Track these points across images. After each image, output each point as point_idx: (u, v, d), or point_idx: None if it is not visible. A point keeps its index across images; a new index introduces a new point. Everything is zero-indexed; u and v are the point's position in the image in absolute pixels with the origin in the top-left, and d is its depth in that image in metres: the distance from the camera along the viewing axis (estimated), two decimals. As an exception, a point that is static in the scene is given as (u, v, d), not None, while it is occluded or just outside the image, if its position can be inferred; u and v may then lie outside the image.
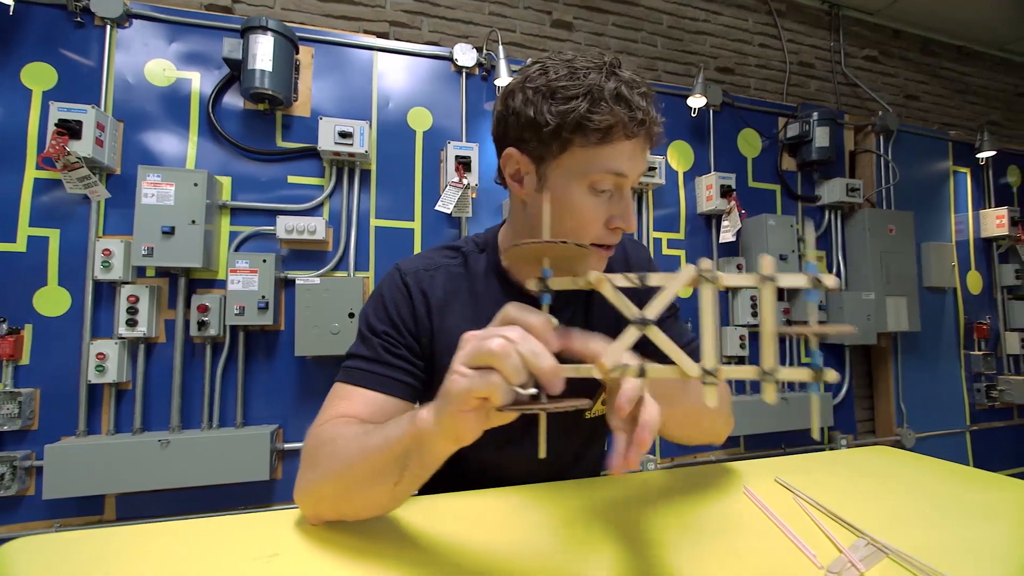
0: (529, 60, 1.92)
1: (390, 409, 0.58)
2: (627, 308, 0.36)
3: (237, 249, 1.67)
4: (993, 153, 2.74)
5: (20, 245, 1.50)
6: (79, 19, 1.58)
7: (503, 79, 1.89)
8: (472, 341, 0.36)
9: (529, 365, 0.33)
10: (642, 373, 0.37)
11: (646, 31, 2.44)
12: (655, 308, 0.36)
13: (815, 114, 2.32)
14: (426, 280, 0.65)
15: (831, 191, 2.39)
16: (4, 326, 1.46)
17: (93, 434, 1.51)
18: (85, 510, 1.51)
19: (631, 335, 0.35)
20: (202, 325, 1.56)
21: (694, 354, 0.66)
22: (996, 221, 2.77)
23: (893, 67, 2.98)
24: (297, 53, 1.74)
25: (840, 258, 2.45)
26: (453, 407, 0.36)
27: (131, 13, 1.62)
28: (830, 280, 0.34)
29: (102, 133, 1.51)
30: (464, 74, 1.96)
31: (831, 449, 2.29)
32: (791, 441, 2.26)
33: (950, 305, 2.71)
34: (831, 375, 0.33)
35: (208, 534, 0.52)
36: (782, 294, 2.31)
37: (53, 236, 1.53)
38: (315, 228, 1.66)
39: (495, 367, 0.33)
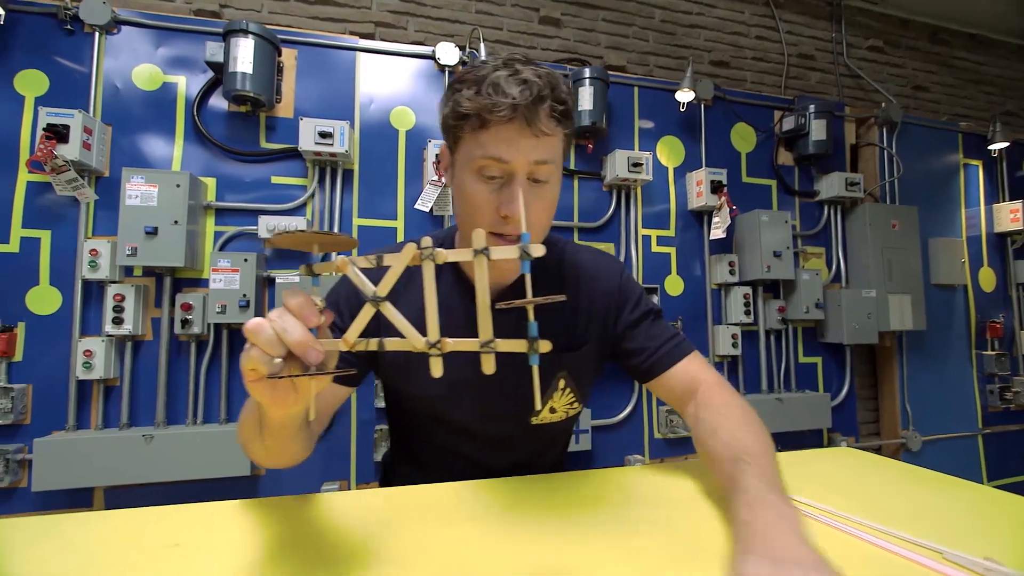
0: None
1: (326, 388, 0.62)
2: (365, 287, 0.40)
3: (222, 249, 1.71)
4: (1006, 144, 2.62)
5: (13, 246, 1.55)
6: (69, 27, 1.63)
7: (485, 77, 1.89)
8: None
9: (282, 339, 0.37)
10: (381, 346, 0.40)
11: (637, 26, 2.41)
12: (385, 285, 0.39)
13: (812, 107, 2.26)
14: (371, 274, 0.66)
15: (829, 186, 2.32)
16: (-2, 324, 1.52)
17: (82, 428, 1.56)
18: (75, 502, 1.55)
19: (367, 312, 0.39)
20: (186, 323, 1.60)
21: (675, 350, 0.68)
22: (1010, 215, 2.65)
23: (900, 57, 2.88)
24: (280, 55, 1.77)
25: (840, 254, 2.38)
26: (245, 379, 0.39)
27: (119, 20, 1.67)
28: (537, 250, 0.35)
29: (89, 137, 1.55)
30: (447, 72, 1.97)
31: (830, 451, 2.22)
32: (787, 443, 2.20)
33: (960, 303, 2.61)
34: (544, 345, 0.35)
35: (115, 525, 0.53)
36: (778, 291, 2.26)
37: (45, 237, 1.58)
38: (296, 225, 1.68)
39: (253, 343, 0.37)
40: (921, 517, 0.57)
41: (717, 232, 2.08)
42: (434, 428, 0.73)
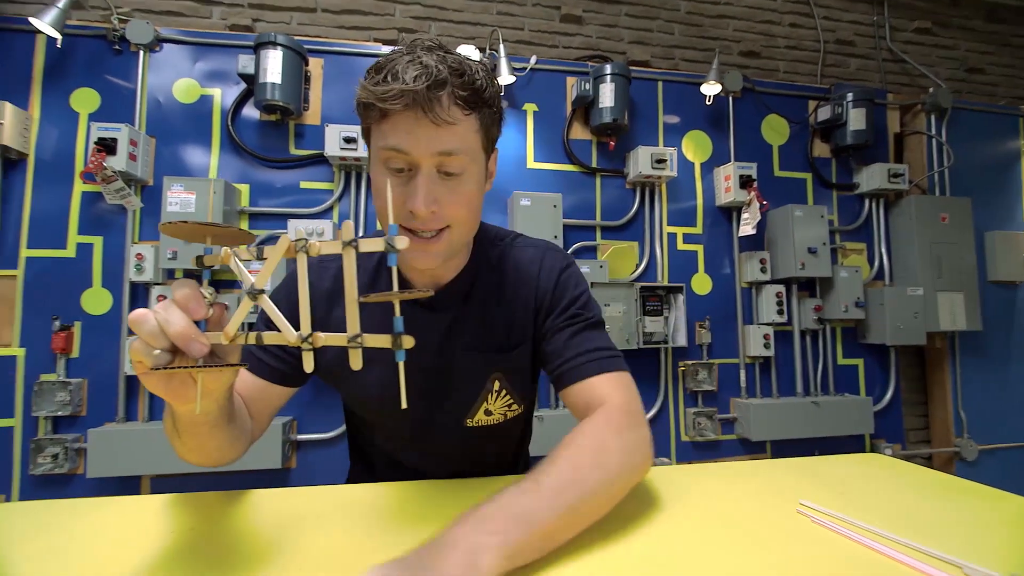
0: (533, 57, 1.89)
1: (261, 388, 0.63)
2: (245, 279, 0.40)
3: (255, 251, 1.79)
4: (1076, 128, 2.41)
5: (70, 251, 1.69)
6: (117, 47, 1.75)
7: (504, 77, 1.90)
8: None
9: (165, 331, 0.36)
10: (259, 340, 0.39)
11: (662, 19, 2.36)
12: (262, 278, 0.39)
13: (850, 95, 2.14)
14: (315, 273, 0.66)
15: (870, 177, 2.20)
16: (58, 323, 1.65)
17: (131, 420, 1.67)
18: (125, 489, 1.67)
19: (245, 304, 0.39)
20: (222, 322, 1.68)
21: (593, 364, 0.61)
22: (1081, 205, 2.43)
23: (951, 38, 2.69)
24: (307, 65, 1.84)
25: (883, 250, 2.25)
26: (134, 369, 0.39)
27: (161, 38, 1.78)
28: (401, 242, 0.34)
29: (135, 148, 1.67)
30: (468, 75, 1.98)
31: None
32: (825, 449, 2.09)
33: (1022, 301, 2.41)
34: (408, 341, 0.34)
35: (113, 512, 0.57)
36: (814, 290, 2.15)
37: (97, 243, 1.71)
38: (323, 230, 1.75)
39: (137, 333, 0.36)
40: (945, 528, 0.53)
41: (747, 229, 2.01)
42: (375, 432, 0.73)
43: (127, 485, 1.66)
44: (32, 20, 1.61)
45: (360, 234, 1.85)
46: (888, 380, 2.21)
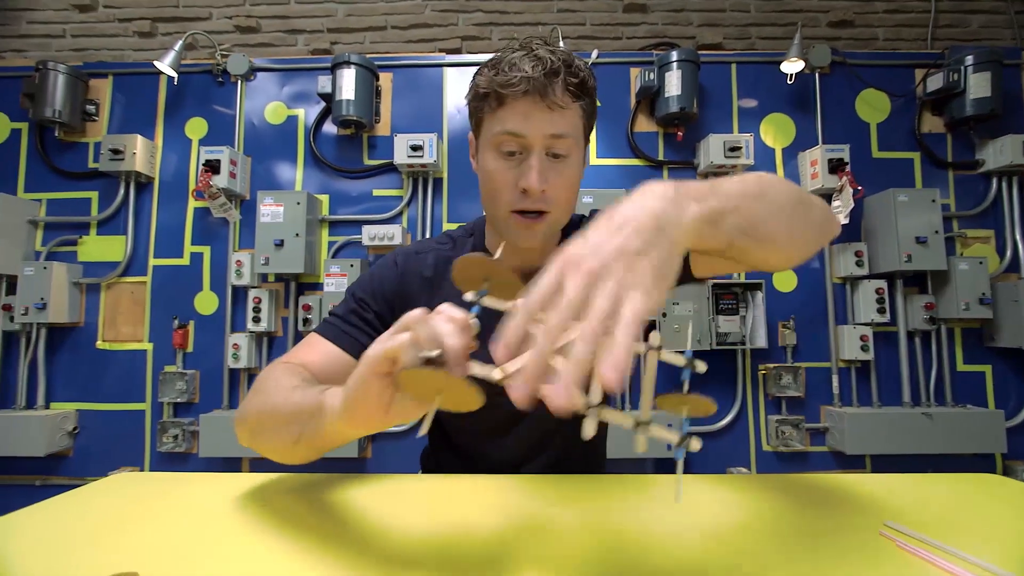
0: (594, 52, 1.87)
1: (344, 363, 0.62)
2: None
3: (334, 256, 1.94)
4: None
5: (185, 260, 1.95)
6: (220, 79, 1.99)
7: (564, 75, 1.88)
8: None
9: (440, 340, 0.34)
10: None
11: (736, -3, 2.20)
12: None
13: (969, 57, 1.84)
14: (414, 261, 0.70)
15: (999, 152, 1.87)
16: (176, 322, 1.91)
17: (233, 408, 1.89)
18: (229, 468, 1.89)
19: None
20: (306, 322, 1.85)
21: None
22: None
23: (1114, -23, 2.21)
24: (377, 80, 1.96)
25: (1018, 237, 1.90)
26: (364, 368, 0.36)
27: (255, 68, 2.00)
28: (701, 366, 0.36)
29: (235, 167, 1.88)
30: (528, 76, 2.00)
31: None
32: (941, 469, 1.82)
33: None
34: (695, 445, 0.32)
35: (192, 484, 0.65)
36: (925, 286, 1.88)
37: (206, 252, 1.95)
38: (393, 234, 1.85)
39: (411, 329, 0.35)
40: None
41: (839, 218, 1.80)
42: (461, 431, 0.74)
43: (231, 464, 1.88)
44: (156, 63, 1.88)
45: (426, 235, 1.93)
46: (1026, 391, 1.87)
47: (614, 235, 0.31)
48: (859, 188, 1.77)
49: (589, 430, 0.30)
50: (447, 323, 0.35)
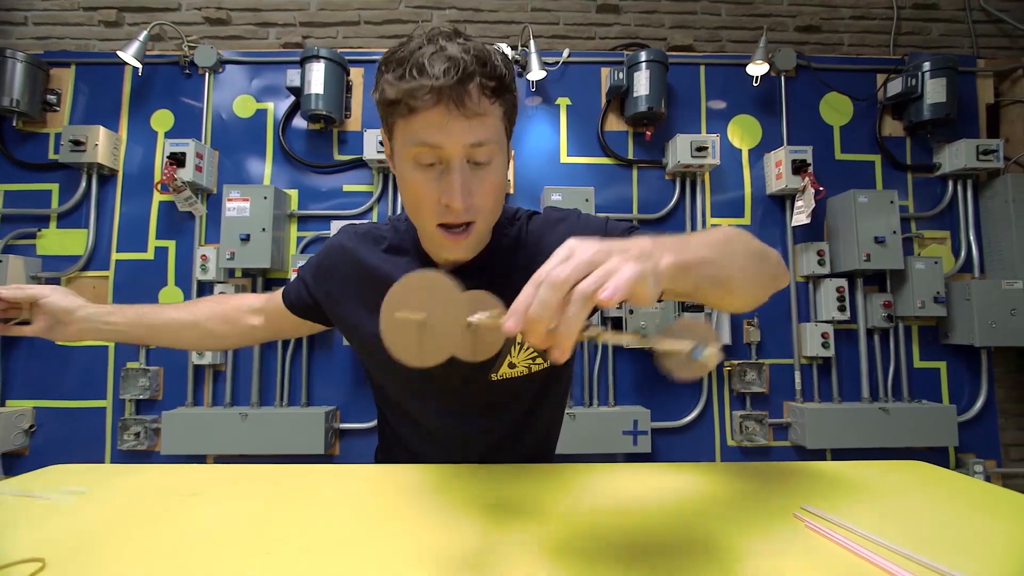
0: (565, 51, 1.87)
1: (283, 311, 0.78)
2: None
3: (303, 251, 1.92)
4: None
5: (149, 254, 1.91)
6: (187, 71, 1.96)
7: (535, 73, 1.90)
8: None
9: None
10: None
11: (706, 0, 2.23)
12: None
13: (926, 64, 1.90)
14: (358, 241, 0.74)
15: (954, 156, 1.94)
16: (140, 317, 1.87)
17: (197, 405, 1.86)
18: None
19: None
20: (273, 317, 1.83)
21: None
22: None
23: (1066, -11, 2.30)
24: (348, 75, 1.95)
25: (972, 239, 1.97)
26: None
27: (223, 60, 1.97)
28: (713, 359, 0.40)
29: (201, 161, 1.85)
30: (500, 73, 2.00)
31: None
32: (894, 459, 1.87)
33: None
34: (711, 351, 0.38)
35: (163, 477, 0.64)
36: (884, 284, 1.94)
37: (171, 246, 1.92)
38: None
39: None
40: (972, 545, 0.46)
41: (801, 218, 1.85)
42: (404, 398, 0.74)
43: (194, 461, 1.85)
44: (119, 53, 1.84)
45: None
46: (979, 387, 1.93)
47: (614, 247, 0.36)
48: (821, 189, 1.82)
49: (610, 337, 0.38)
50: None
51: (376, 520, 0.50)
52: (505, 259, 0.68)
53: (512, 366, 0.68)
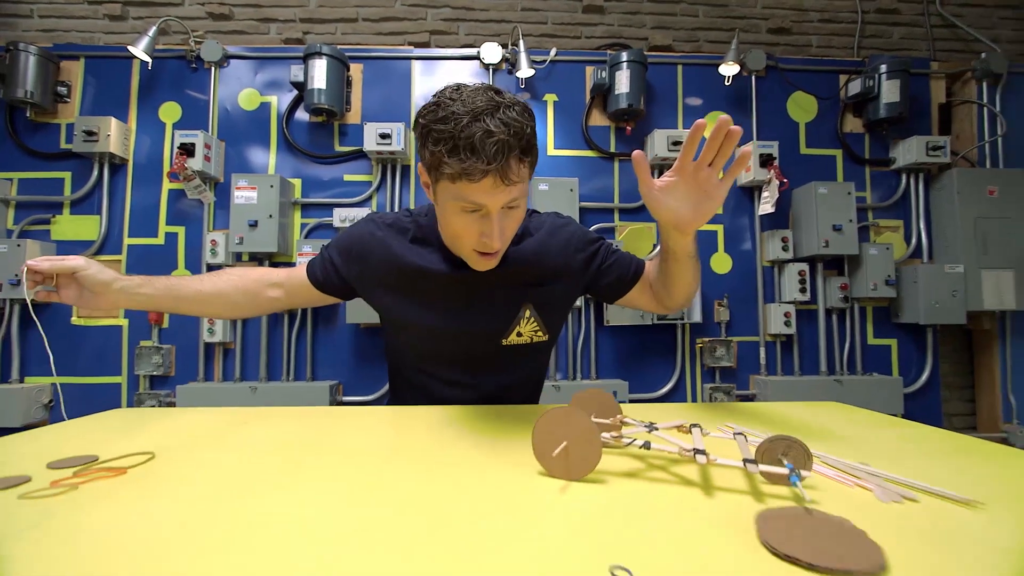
0: (552, 50, 2.01)
1: (308, 285, 0.87)
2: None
3: (306, 237, 2.05)
4: None
5: (160, 239, 2.02)
6: (193, 65, 2.06)
7: (524, 71, 2.03)
8: None
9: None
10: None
11: (686, 2, 2.38)
12: None
13: (883, 66, 2.07)
14: (386, 231, 0.86)
15: (907, 152, 2.12)
16: (152, 299, 1.99)
17: (208, 380, 1.99)
18: (205, 438, 1.99)
19: None
20: (280, 298, 1.96)
21: (640, 268, 0.88)
22: None
23: (1016, -4, 2.49)
24: (348, 71, 2.06)
25: (922, 227, 2.16)
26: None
27: (228, 55, 2.07)
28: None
29: (209, 151, 1.96)
30: (491, 70, 2.14)
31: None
32: (852, 428, 2.07)
33: (1092, 280, 2.22)
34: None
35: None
36: (842, 268, 2.12)
37: (181, 232, 2.03)
38: (361, 217, 1.97)
39: None
40: (855, 446, 0.61)
41: (766, 207, 2.02)
42: (423, 360, 0.89)
43: (208, 435, 1.98)
44: (129, 48, 1.94)
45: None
46: (925, 362, 2.14)
47: None
48: (784, 181, 1.99)
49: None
50: None
51: (393, 444, 0.65)
52: (513, 245, 0.83)
53: (520, 335, 0.85)
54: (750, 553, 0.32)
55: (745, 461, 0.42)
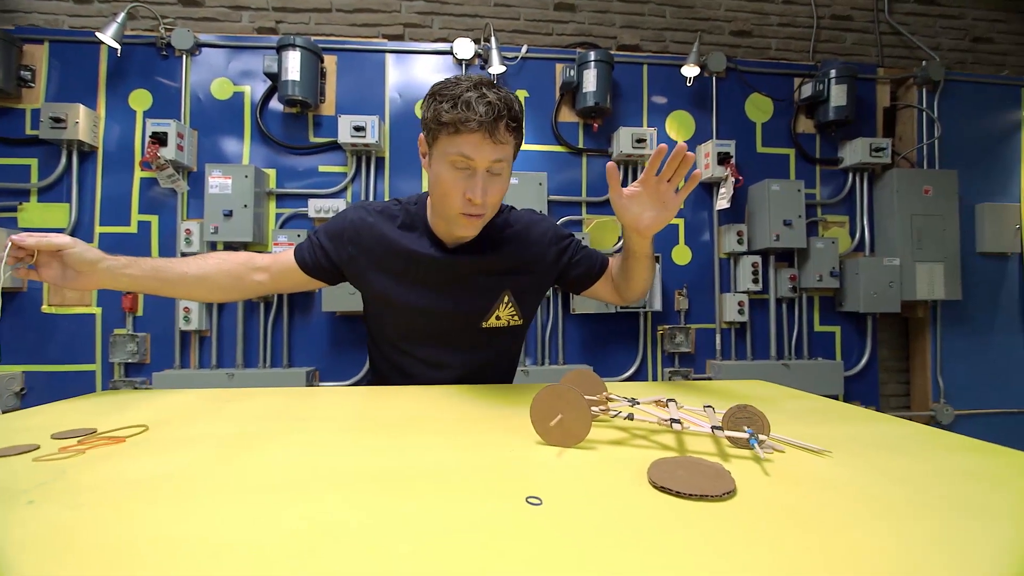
0: (524, 47, 2.08)
1: (294, 268, 0.91)
2: None
3: (281, 227, 2.09)
4: (1080, 97, 2.38)
5: (133, 228, 2.03)
6: (164, 53, 2.05)
7: (495, 66, 2.09)
8: None
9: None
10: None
11: (654, 2, 2.47)
12: None
13: (832, 71, 2.21)
14: (375, 216, 0.92)
15: (853, 152, 2.28)
16: (125, 287, 2.00)
17: (185, 367, 2.03)
18: (182, 424, 2.03)
19: None
20: (255, 287, 2.00)
21: (605, 264, 0.99)
22: (1082, 176, 2.41)
23: (957, 7, 2.66)
24: (322, 62, 2.09)
25: (865, 223, 2.34)
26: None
27: (200, 43, 2.07)
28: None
29: (182, 140, 1.97)
30: (464, 65, 2.19)
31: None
32: (798, 408, 2.24)
33: (1013, 272, 2.44)
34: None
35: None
36: (792, 261, 2.28)
37: (154, 221, 2.04)
38: (337, 208, 2.02)
39: None
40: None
41: (722, 203, 2.15)
42: (406, 340, 0.97)
43: (184, 421, 2.02)
44: (97, 34, 1.92)
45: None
46: (864, 347, 2.33)
47: None
48: (740, 178, 2.12)
49: None
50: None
51: (371, 415, 0.74)
52: (494, 236, 0.92)
53: (498, 318, 0.94)
54: (637, 487, 0.42)
55: (713, 428, 0.51)
